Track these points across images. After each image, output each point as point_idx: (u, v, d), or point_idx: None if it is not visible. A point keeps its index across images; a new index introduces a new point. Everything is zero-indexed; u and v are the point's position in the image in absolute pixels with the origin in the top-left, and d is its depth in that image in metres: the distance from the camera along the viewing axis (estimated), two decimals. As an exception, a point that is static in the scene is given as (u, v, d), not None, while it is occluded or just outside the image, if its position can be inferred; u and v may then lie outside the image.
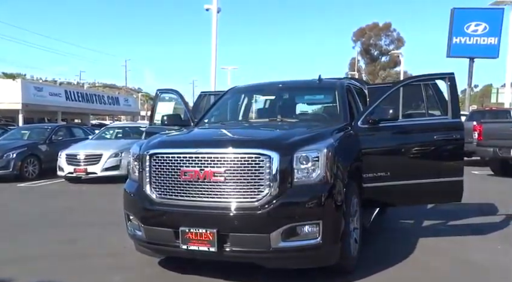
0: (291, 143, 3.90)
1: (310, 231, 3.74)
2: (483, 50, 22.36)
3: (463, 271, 4.39)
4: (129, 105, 43.57)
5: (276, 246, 3.70)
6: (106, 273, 4.53)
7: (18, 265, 4.83)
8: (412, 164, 5.04)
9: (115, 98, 42.07)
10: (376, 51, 58.56)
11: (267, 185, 3.73)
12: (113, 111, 42.52)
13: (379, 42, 58.06)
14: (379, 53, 58.63)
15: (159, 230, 4.03)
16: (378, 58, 58.93)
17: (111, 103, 40.45)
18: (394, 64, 56.68)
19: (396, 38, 57.27)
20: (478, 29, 22.16)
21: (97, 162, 11.16)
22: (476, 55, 22.38)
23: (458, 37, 22.26)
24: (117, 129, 14.11)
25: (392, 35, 57.55)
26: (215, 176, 3.82)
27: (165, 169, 4.06)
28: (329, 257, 3.89)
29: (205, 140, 4.31)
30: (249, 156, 3.78)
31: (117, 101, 41.72)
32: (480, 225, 6.25)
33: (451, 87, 5.14)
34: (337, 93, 5.34)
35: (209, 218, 3.83)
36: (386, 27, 57.44)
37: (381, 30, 57.52)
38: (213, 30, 15.22)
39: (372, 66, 57.07)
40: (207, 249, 3.80)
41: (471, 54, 22.35)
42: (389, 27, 57.41)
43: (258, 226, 3.72)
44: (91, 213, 7.56)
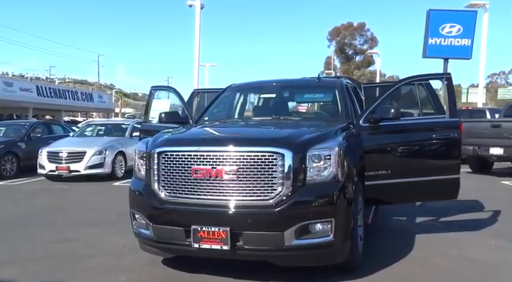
0: (303, 142, 3.93)
1: (322, 229, 3.78)
2: (457, 51, 22.89)
3: (463, 267, 4.52)
4: (103, 101, 42.75)
5: (290, 244, 3.72)
6: (110, 273, 4.46)
7: (16, 266, 4.71)
8: (412, 162, 5.16)
9: (89, 94, 41.19)
10: (351, 50, 59.33)
11: (280, 183, 3.74)
12: (87, 108, 41.67)
13: (354, 42, 58.86)
14: (354, 52, 59.42)
15: (169, 229, 3.99)
16: (353, 57, 59.70)
17: (85, 99, 39.60)
18: (368, 64, 57.58)
19: (370, 37, 58.18)
20: (453, 30, 22.69)
21: (80, 160, 10.93)
22: (451, 56, 22.91)
23: (433, 38, 22.73)
24: (99, 126, 13.83)
25: (366, 34, 58.45)
26: (227, 174, 3.81)
27: (174, 167, 4.02)
28: (340, 255, 3.95)
29: (216, 138, 4.28)
30: (262, 154, 3.79)
31: (91, 97, 40.87)
32: (470, 221, 6.46)
33: (448, 87, 5.27)
34: (338, 92, 5.40)
35: (222, 216, 3.82)
36: (360, 27, 58.25)
37: (355, 30, 58.28)
38: (196, 27, 15.08)
39: (347, 66, 57.76)
40: (219, 248, 3.79)
41: (446, 55, 22.87)
42: (364, 27, 58.28)
43: (272, 224, 3.73)
44: (81, 213, 7.42)
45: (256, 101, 6.08)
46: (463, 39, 22.64)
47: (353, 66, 57.70)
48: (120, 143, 11.81)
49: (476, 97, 23.83)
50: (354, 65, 57.83)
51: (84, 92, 41.38)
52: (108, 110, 45.35)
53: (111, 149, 11.30)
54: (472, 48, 22.56)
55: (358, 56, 59.16)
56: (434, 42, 22.65)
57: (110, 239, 5.72)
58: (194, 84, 15.48)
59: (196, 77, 15.29)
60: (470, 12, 22.63)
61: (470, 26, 22.51)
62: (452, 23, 22.59)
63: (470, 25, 22.54)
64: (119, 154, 11.47)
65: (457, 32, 22.62)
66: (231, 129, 4.77)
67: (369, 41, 57.87)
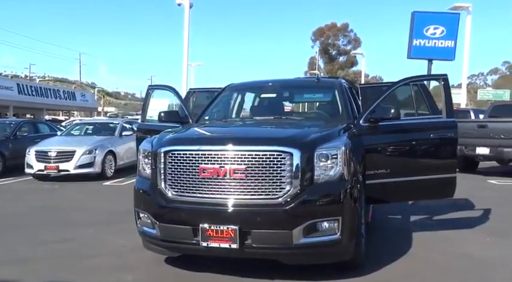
0: (311, 141, 3.98)
1: (330, 227, 3.84)
2: (441, 52, 23.32)
3: (463, 264, 4.63)
4: (86, 100, 42.24)
5: (298, 243, 3.77)
6: (115, 272, 4.45)
7: (17, 266, 4.66)
8: (410, 161, 5.26)
9: (71, 93, 40.67)
10: (334, 51, 59.81)
11: (289, 182, 3.79)
12: (69, 107, 41.14)
13: (337, 42, 59.35)
14: (337, 52, 59.90)
15: (176, 228, 4.00)
16: (336, 58, 60.16)
17: (67, 98, 39.09)
18: (351, 64, 58.17)
19: (353, 38, 58.77)
20: (436, 32, 23.10)
21: (70, 159, 10.77)
22: (435, 57, 23.34)
23: (418, 39, 23.11)
24: (87, 125, 13.65)
25: (349, 35, 59.01)
26: (236, 173, 3.83)
27: (181, 166, 4.03)
28: (346, 252, 4.01)
29: (224, 137, 4.29)
30: (270, 153, 3.82)
31: (73, 96, 40.36)
32: (463, 219, 6.61)
33: (445, 87, 5.38)
34: (338, 92, 5.48)
35: (230, 215, 3.84)
36: (344, 28, 58.76)
37: (338, 31, 58.76)
38: (185, 25, 15.00)
39: (331, 66, 58.18)
40: (228, 246, 3.81)
41: (430, 56, 23.28)
42: (347, 27, 58.81)
43: (280, 223, 3.77)
44: (76, 212, 7.34)
45: (255, 101, 6.10)
46: (446, 40, 23.09)
47: (336, 66, 58.17)
48: (110, 142, 11.70)
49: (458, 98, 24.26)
50: (338, 65, 58.30)
51: (66, 91, 40.82)
52: (91, 109, 44.82)
53: (101, 148, 11.18)
54: (455, 49, 23.03)
55: (341, 56, 59.71)
56: (418, 43, 23.05)
57: (109, 238, 5.69)
58: (183, 83, 15.45)
59: (185, 76, 15.22)
60: (454, 15, 23.09)
61: (454, 28, 22.97)
62: (436, 24, 23.01)
63: (453, 27, 23.00)
64: (109, 153, 11.36)
65: (440, 34, 23.05)
66: (236, 128, 4.79)
67: (352, 41, 58.50)
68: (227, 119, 5.50)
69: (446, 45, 23.13)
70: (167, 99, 6.69)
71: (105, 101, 62.09)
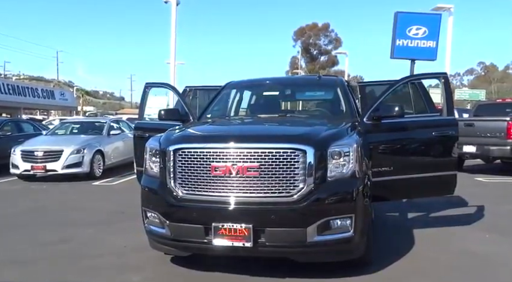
0: (324, 138, 3.97)
1: (343, 224, 3.84)
2: (423, 53, 23.63)
3: (466, 261, 4.69)
4: (65, 99, 41.37)
5: (312, 240, 3.76)
6: (121, 273, 4.38)
7: (19, 267, 4.55)
8: (412, 159, 5.33)
9: (50, 92, 39.77)
10: (316, 50, 60.22)
11: (302, 180, 3.77)
12: (48, 106, 40.19)
13: (319, 42, 59.78)
14: (319, 52, 60.35)
15: (187, 227, 3.95)
16: (318, 57, 60.61)
17: (46, 97, 38.21)
18: (333, 63, 58.62)
19: (334, 38, 59.29)
20: (419, 32, 23.42)
21: (57, 159, 10.54)
22: (417, 57, 23.63)
23: (401, 39, 23.37)
24: (74, 124, 13.37)
25: (330, 35, 59.50)
26: (249, 171, 3.80)
27: (192, 164, 3.98)
28: (358, 250, 4.03)
29: (236, 135, 4.25)
30: (284, 151, 3.80)
31: (52, 94, 39.47)
32: (459, 216, 6.72)
33: (446, 86, 5.45)
34: (340, 90, 5.50)
35: (244, 213, 3.81)
36: (325, 28, 59.20)
37: (320, 30, 59.17)
38: (172, 23, 14.83)
39: (312, 65, 58.50)
40: (242, 245, 3.78)
41: (412, 56, 23.56)
42: (328, 27, 59.27)
43: (295, 220, 3.76)
44: (70, 213, 7.19)
45: (257, 99, 6.07)
46: (428, 41, 23.43)
47: (318, 66, 58.51)
48: (98, 142, 11.50)
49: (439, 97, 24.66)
50: (319, 65, 58.66)
51: (45, 89, 39.88)
52: (71, 108, 43.95)
53: (90, 147, 10.98)
54: (437, 50, 23.41)
55: (322, 56, 60.18)
56: (401, 43, 23.32)
57: (108, 238, 5.59)
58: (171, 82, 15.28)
59: (172, 75, 15.09)
60: (435, 15, 23.45)
61: (435, 29, 23.33)
62: (419, 25, 23.34)
63: (435, 28, 23.36)
64: (97, 153, 11.17)
65: (422, 34, 23.39)
66: (246, 126, 4.75)
67: (333, 41, 59.00)
68: (230, 116, 5.47)
69: (428, 46, 23.47)
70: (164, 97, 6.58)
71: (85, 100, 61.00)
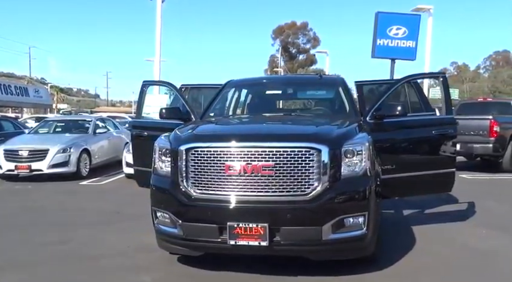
0: (337, 137, 4.01)
1: (357, 222, 3.90)
2: (403, 52, 23.98)
3: (469, 256, 4.82)
4: (40, 96, 40.39)
5: (327, 238, 3.80)
6: (132, 273, 4.34)
7: (24, 270, 4.44)
8: (413, 157, 5.43)
9: (24, 89, 38.70)
10: (294, 49, 60.54)
11: (317, 179, 3.80)
12: (22, 103, 39.10)
13: (297, 41, 60.13)
14: (297, 51, 60.71)
15: (201, 226, 3.92)
16: (296, 56, 60.97)
17: (20, 94, 37.15)
18: (311, 62, 59.01)
19: (313, 37, 59.71)
20: (399, 32, 23.77)
21: (43, 158, 10.27)
22: (397, 57, 23.97)
23: (381, 39, 23.67)
24: (58, 122, 13.06)
25: (309, 34, 59.89)
26: (264, 170, 3.80)
27: (205, 164, 3.96)
28: (370, 247, 4.09)
29: (250, 134, 4.24)
30: (298, 149, 3.82)
31: (26, 91, 38.42)
32: (453, 212, 6.88)
33: (444, 85, 5.57)
34: (342, 89, 5.56)
35: (259, 212, 3.81)
36: (303, 27, 59.57)
37: (298, 29, 59.50)
38: (157, 20, 14.61)
39: (291, 64, 58.83)
40: (257, 244, 3.79)
41: (393, 55, 23.89)
42: (306, 26, 59.66)
43: (310, 219, 3.79)
44: (63, 214, 7.04)
45: (260, 98, 6.06)
46: (408, 41, 23.81)
47: (296, 64, 58.88)
48: (84, 141, 11.26)
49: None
50: (298, 64, 59.02)
51: (18, 86, 38.76)
52: (46, 106, 42.94)
53: (76, 146, 10.74)
54: (416, 50, 23.85)
55: (301, 54, 60.57)
56: (382, 43, 23.65)
57: (108, 239, 5.51)
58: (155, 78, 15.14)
59: (157, 72, 14.92)
60: (415, 16, 23.88)
61: (415, 29, 23.75)
62: (399, 25, 23.70)
63: (414, 28, 23.78)
64: (84, 152, 10.94)
65: (402, 34, 23.77)
66: (256, 125, 4.74)
67: (312, 40, 59.40)
68: (234, 115, 5.45)
69: (408, 46, 23.84)
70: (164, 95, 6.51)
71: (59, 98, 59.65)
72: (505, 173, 11.50)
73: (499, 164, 11.74)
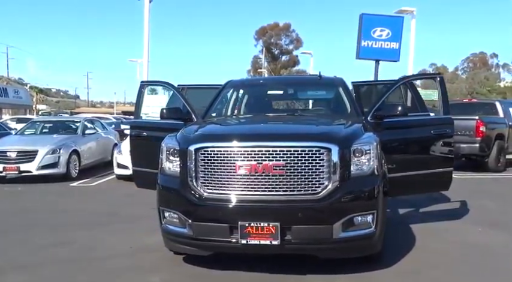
0: (346, 136, 4.07)
1: (366, 221, 3.96)
2: (387, 54, 24.23)
3: (470, 252, 4.94)
4: (19, 97, 39.60)
5: (337, 237, 3.85)
6: (139, 274, 4.31)
7: (25, 272, 4.36)
8: (412, 156, 5.53)
9: (3, 89, 37.91)
10: (277, 50, 60.75)
11: (327, 178, 3.85)
12: (1, 104, 38.24)
13: (280, 42, 60.36)
14: (280, 52, 60.95)
15: (211, 226, 3.93)
16: (279, 57, 61.19)
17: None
18: (294, 63, 59.37)
19: (295, 38, 60.04)
20: (383, 34, 24.06)
21: (32, 159, 10.10)
22: (381, 58, 24.22)
23: (366, 41, 23.89)
24: (45, 123, 12.83)
25: (291, 35, 60.19)
26: (275, 169, 3.83)
27: (216, 163, 3.97)
28: (377, 245, 4.16)
29: (260, 133, 4.26)
30: (309, 149, 3.86)
31: (5, 92, 37.65)
32: (447, 211, 7.03)
33: (442, 86, 5.67)
34: (342, 89, 5.63)
35: (270, 212, 3.84)
36: (286, 28, 59.82)
37: (281, 30, 59.74)
38: (145, 21, 14.51)
39: (274, 65, 59.01)
40: (269, 243, 3.81)
41: (377, 57, 24.12)
42: (289, 27, 59.93)
43: (321, 218, 3.84)
44: (59, 215, 6.95)
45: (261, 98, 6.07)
46: (391, 42, 24.17)
47: (279, 65, 59.10)
48: (74, 141, 11.11)
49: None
50: (281, 65, 59.27)
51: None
52: (26, 107, 42.11)
53: (66, 147, 10.59)
54: (400, 51, 24.21)
55: (284, 55, 60.82)
56: (366, 44, 23.93)
57: (109, 240, 5.47)
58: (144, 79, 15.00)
59: (145, 73, 14.77)
60: (398, 18, 24.23)
61: (398, 31, 24.13)
62: (382, 27, 24.02)
63: (398, 30, 24.14)
64: (73, 153, 10.80)
65: (386, 36, 24.09)
66: (265, 125, 4.76)
67: (294, 41, 59.74)
68: (237, 115, 5.46)
69: (391, 47, 24.15)
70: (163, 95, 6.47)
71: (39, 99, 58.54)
72: (491, 172, 11.81)
73: (485, 164, 12.02)
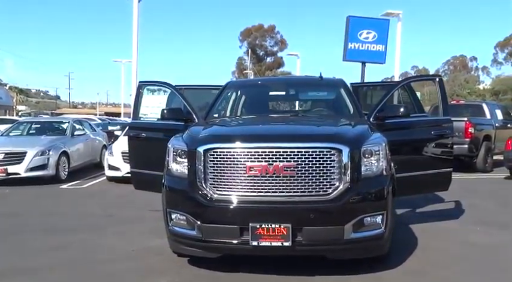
0: (356, 137, 4.07)
1: (376, 221, 3.97)
2: (373, 56, 24.39)
3: (471, 251, 4.99)
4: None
5: (348, 238, 3.84)
6: (145, 277, 4.24)
7: (30, 277, 4.24)
8: (414, 157, 5.57)
9: (-17, 90, 37.21)
10: (262, 51, 60.84)
11: (338, 178, 3.85)
12: (-20, 104, 37.59)
13: (265, 43, 60.46)
14: (265, 53, 61.05)
15: (221, 228, 3.89)
16: (264, 58, 61.28)
17: (-22, 95, 35.71)
18: (278, 65, 59.53)
19: (280, 40, 60.22)
20: (369, 36, 24.23)
21: (20, 161, 9.86)
22: (367, 60, 24.36)
23: (353, 43, 24.00)
24: (32, 124, 12.56)
25: (276, 37, 60.37)
26: (285, 170, 3.81)
27: (226, 164, 3.93)
28: (386, 245, 4.18)
29: (271, 134, 4.24)
30: (320, 150, 3.86)
31: (-15, 92, 36.96)
32: (443, 211, 7.10)
33: (441, 88, 5.74)
34: (344, 91, 5.64)
35: (282, 213, 3.82)
36: (270, 29, 59.97)
37: (265, 32, 59.86)
38: (134, 21, 14.32)
39: (259, 66, 59.07)
40: (280, 245, 3.79)
41: (363, 59, 24.25)
42: (274, 29, 60.09)
43: (333, 219, 3.83)
44: (53, 218, 6.81)
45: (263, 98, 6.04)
46: (377, 45, 24.42)
47: (264, 67, 59.18)
48: (63, 143, 10.90)
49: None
50: (265, 66, 59.36)
51: (-23, 87, 37.29)
52: (6, 107, 41.40)
53: (55, 149, 10.38)
54: (386, 53, 24.46)
55: (269, 57, 60.96)
56: (353, 46, 24.11)
57: (109, 243, 5.38)
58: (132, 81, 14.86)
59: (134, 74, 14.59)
60: (384, 21, 24.47)
61: (384, 33, 24.38)
62: (369, 29, 24.22)
63: (384, 32, 24.40)
64: (63, 154, 10.59)
65: (372, 38, 24.30)
66: (273, 126, 4.73)
67: (279, 43, 59.91)
68: (240, 116, 5.43)
69: (377, 49, 24.35)
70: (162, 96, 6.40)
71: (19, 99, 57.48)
72: (479, 172, 12.00)
73: (473, 164, 12.21)
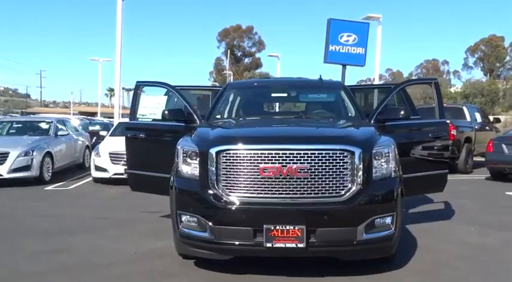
0: (367, 139, 4.13)
1: (387, 222, 4.02)
2: (353, 58, 24.65)
3: (471, 251, 5.10)
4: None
5: (360, 239, 3.88)
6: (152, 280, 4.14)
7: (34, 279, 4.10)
8: (412, 158, 5.68)
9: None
10: (240, 52, 60.84)
11: (350, 180, 3.89)
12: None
13: (243, 44, 60.51)
14: (243, 54, 61.06)
15: (234, 229, 3.88)
16: (242, 59, 61.30)
17: None
18: (256, 66, 59.67)
19: (258, 41, 60.37)
20: (350, 39, 24.50)
21: (2, 162, 9.57)
22: (348, 62, 24.61)
23: (333, 45, 24.19)
24: (13, 123, 12.18)
25: (254, 37, 60.49)
26: (299, 172, 3.82)
27: (238, 166, 3.91)
28: (395, 246, 4.24)
29: (284, 136, 4.24)
30: (333, 152, 3.88)
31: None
32: (435, 211, 7.25)
33: (437, 91, 5.86)
34: (344, 93, 5.70)
35: (296, 214, 3.83)
36: (248, 30, 60.10)
37: (244, 32, 59.93)
38: (117, 19, 14.09)
39: (236, 67, 59.04)
40: (294, 246, 3.80)
41: (343, 61, 24.47)
42: (252, 30, 60.26)
43: (346, 220, 3.86)
44: (45, 220, 6.64)
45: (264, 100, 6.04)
46: (357, 48, 24.74)
47: (242, 67, 59.20)
48: (47, 143, 10.62)
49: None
50: (243, 67, 59.39)
51: None
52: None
53: (39, 149, 10.10)
54: (365, 56, 24.82)
55: (247, 58, 60.99)
56: (334, 49, 24.36)
57: (109, 245, 5.27)
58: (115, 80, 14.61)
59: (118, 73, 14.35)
60: (364, 24, 24.81)
61: (364, 36, 24.74)
62: (349, 32, 24.51)
63: (363, 35, 24.77)
64: (47, 155, 10.33)
65: (353, 41, 24.61)
66: (284, 127, 4.73)
67: (257, 44, 60.03)
68: (243, 117, 5.41)
69: (357, 52, 24.63)
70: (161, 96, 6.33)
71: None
72: (460, 174, 12.32)
73: (455, 166, 12.52)
